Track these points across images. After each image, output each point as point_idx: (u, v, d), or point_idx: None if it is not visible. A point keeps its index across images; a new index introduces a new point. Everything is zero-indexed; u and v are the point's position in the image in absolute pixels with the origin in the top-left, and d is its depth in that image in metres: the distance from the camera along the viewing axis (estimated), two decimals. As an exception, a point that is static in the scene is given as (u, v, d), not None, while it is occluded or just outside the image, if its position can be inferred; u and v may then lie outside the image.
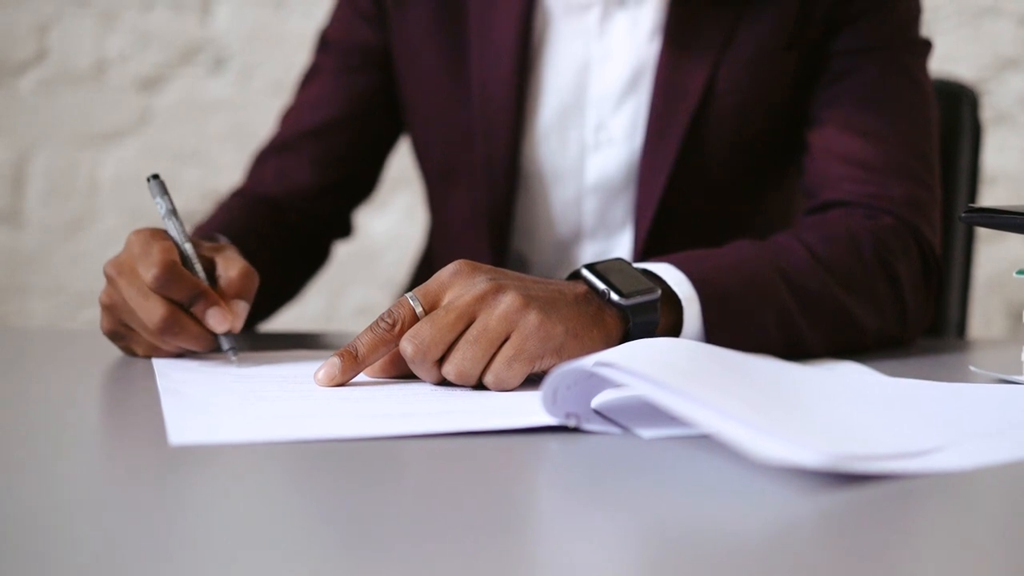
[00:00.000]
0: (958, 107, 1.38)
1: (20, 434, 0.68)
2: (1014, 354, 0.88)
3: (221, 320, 0.86)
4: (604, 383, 0.66)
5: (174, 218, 0.90)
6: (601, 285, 0.83)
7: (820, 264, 0.97)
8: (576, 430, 0.66)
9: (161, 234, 0.89)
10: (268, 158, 1.22)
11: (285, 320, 1.31)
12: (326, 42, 1.22)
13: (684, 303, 0.87)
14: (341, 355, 0.79)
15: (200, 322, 0.87)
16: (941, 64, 2.00)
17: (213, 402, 0.74)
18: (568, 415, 0.66)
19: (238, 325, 0.88)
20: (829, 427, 0.65)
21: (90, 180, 2.07)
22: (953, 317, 1.36)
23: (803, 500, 0.54)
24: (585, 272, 0.84)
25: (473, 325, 0.77)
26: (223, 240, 1.02)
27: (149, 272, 0.85)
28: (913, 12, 1.13)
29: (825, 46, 1.11)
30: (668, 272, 0.88)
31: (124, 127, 2.08)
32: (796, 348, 0.93)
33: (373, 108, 1.21)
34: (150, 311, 0.85)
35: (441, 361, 0.78)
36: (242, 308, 0.88)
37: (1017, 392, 0.76)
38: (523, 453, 0.64)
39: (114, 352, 0.92)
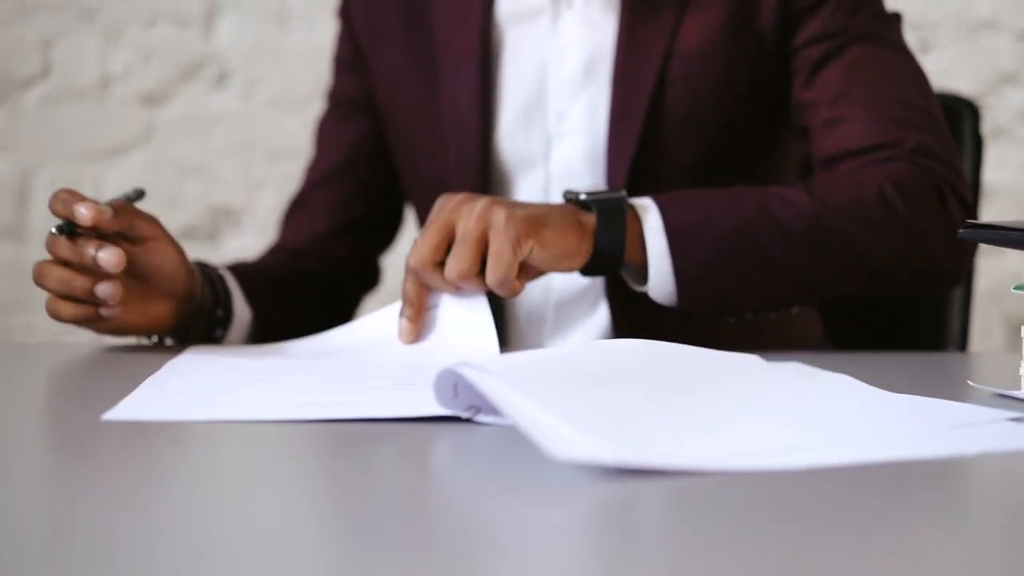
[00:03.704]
0: (959, 121, 1.38)
1: (24, 447, 0.69)
2: (1013, 369, 0.89)
3: (63, 201, 0.96)
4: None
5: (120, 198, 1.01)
6: (571, 195, 1.00)
7: (810, 193, 1.03)
8: (469, 421, 0.69)
9: None
10: (290, 213, 1.31)
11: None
12: (327, 96, 1.32)
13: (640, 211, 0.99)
14: (402, 311, 0.96)
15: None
16: (939, 79, 2.01)
17: (179, 386, 0.79)
18: (470, 407, 0.68)
19: (84, 210, 0.95)
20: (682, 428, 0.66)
21: (94, 194, 2.07)
22: (954, 331, 1.37)
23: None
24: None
25: (456, 232, 0.93)
26: (229, 278, 1.13)
27: None
28: None
29: (792, 37, 1.14)
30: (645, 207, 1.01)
31: (128, 142, 2.09)
32: (775, 267, 1.01)
33: (368, 152, 1.29)
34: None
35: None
36: (104, 205, 0.97)
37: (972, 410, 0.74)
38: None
39: (119, 365, 0.93)
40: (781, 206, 1.01)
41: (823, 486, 0.58)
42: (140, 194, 1.03)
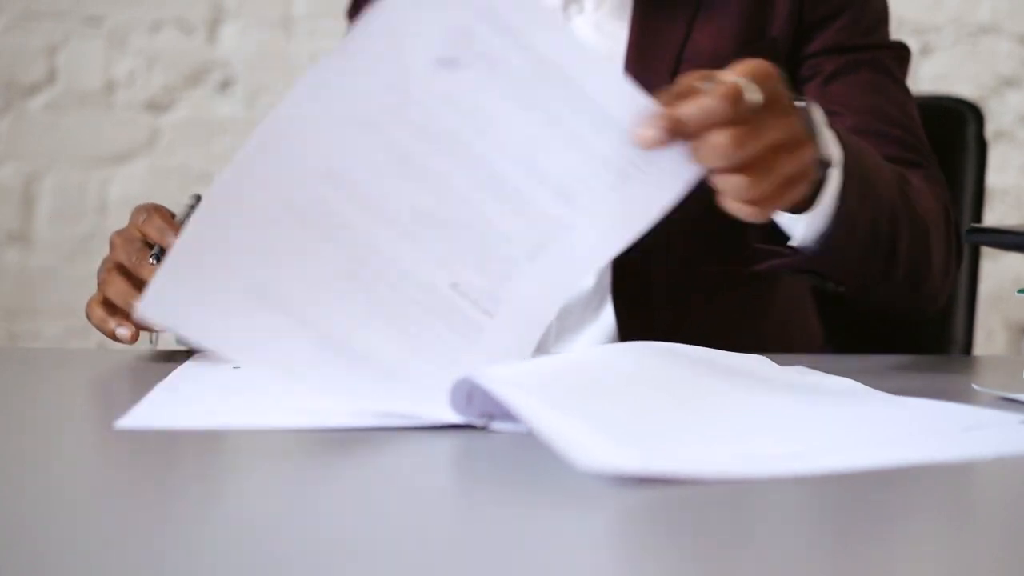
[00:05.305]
0: (963, 124, 1.38)
1: (34, 453, 0.69)
2: (1017, 372, 0.89)
3: (159, 229, 1.03)
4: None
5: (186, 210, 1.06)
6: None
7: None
8: (483, 429, 0.69)
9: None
10: None
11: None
12: None
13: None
14: (655, 120, 0.76)
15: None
16: (940, 83, 2.02)
17: (191, 392, 0.80)
18: (482, 415, 0.68)
19: None
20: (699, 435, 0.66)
21: (99, 200, 2.09)
22: (958, 335, 1.37)
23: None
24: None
25: (773, 167, 0.78)
26: None
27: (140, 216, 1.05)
28: (882, 13, 1.17)
29: (803, 47, 1.15)
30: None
31: (132, 148, 2.10)
32: (892, 251, 0.98)
33: None
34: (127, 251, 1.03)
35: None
36: None
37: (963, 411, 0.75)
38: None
39: (125, 372, 0.93)
40: (913, 195, 1.01)
41: (838, 491, 0.58)
42: (199, 200, 1.07)
